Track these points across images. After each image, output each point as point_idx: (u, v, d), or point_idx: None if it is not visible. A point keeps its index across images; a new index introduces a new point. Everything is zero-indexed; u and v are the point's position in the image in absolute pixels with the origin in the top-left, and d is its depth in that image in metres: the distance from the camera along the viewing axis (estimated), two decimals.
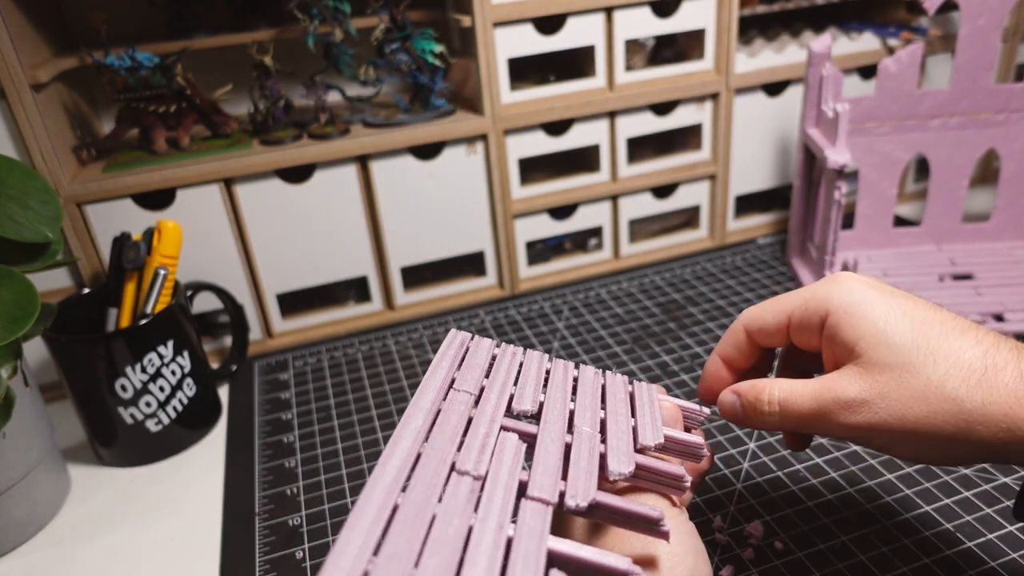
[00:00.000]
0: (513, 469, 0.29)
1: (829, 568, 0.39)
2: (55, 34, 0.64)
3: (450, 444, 0.29)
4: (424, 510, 0.26)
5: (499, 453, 0.30)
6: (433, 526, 0.25)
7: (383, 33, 0.64)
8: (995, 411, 0.29)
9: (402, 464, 0.28)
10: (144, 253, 0.55)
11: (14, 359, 0.43)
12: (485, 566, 0.24)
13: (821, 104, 0.65)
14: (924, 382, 0.30)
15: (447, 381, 0.33)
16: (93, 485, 0.54)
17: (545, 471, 0.29)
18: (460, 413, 0.31)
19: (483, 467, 0.29)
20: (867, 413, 0.31)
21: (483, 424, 0.31)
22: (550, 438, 0.31)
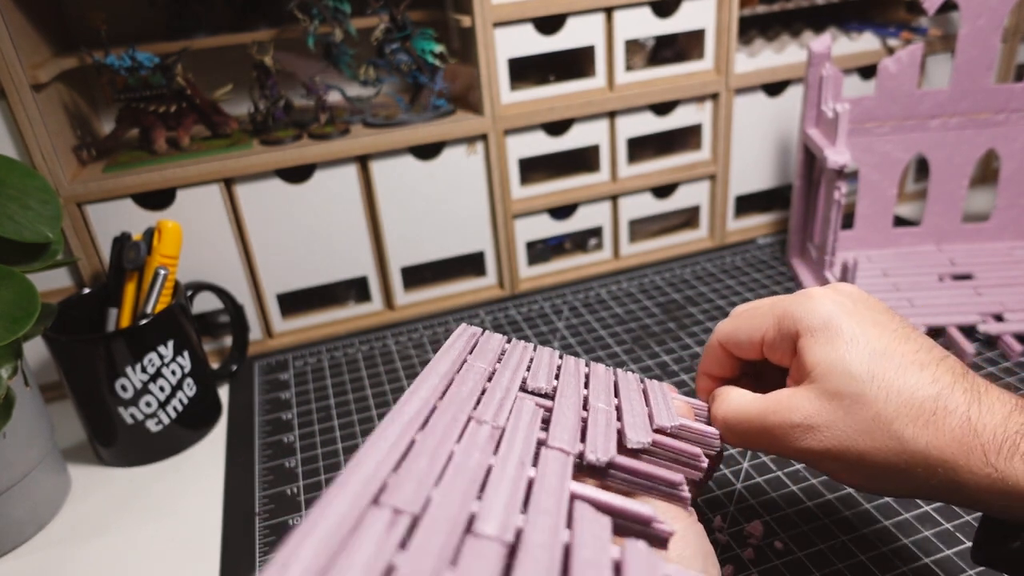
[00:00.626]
0: (531, 426, 0.28)
1: (829, 568, 0.39)
2: (55, 34, 0.64)
3: (467, 401, 0.29)
4: (442, 446, 0.25)
5: (517, 412, 0.29)
6: (452, 459, 0.24)
7: (383, 33, 0.64)
8: (936, 455, 0.28)
9: (419, 409, 0.27)
10: (144, 253, 0.55)
11: (14, 359, 0.43)
12: (509, 490, 0.23)
13: (821, 104, 0.65)
14: (873, 415, 0.30)
15: (460, 359, 0.33)
16: (93, 485, 0.54)
17: (564, 430, 0.28)
18: (475, 380, 0.31)
19: (502, 420, 0.28)
20: (812, 439, 0.31)
21: (499, 390, 0.31)
22: (568, 406, 0.31)
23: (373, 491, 0.22)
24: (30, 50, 0.57)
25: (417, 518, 0.21)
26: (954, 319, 0.58)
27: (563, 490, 0.24)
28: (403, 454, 0.24)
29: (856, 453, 0.30)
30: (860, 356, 0.31)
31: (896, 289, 0.64)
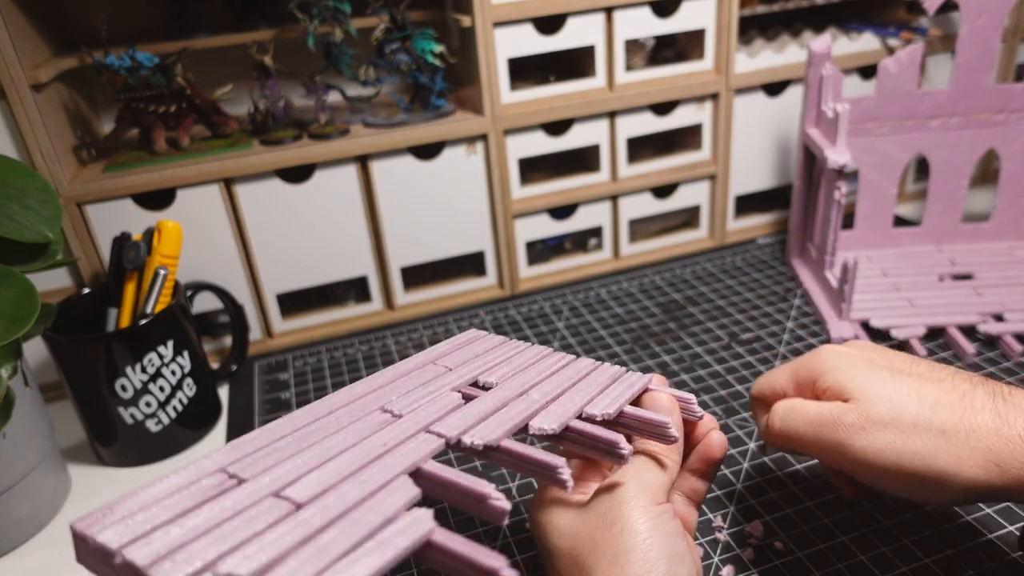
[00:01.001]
0: (434, 415, 0.32)
1: (829, 568, 0.39)
2: (55, 34, 0.64)
3: (397, 395, 0.34)
4: (328, 428, 0.31)
5: (431, 403, 0.34)
6: (327, 439, 0.30)
7: (383, 33, 0.64)
8: (979, 446, 0.31)
9: (344, 399, 0.34)
10: (144, 253, 0.55)
11: (14, 359, 0.43)
12: (343, 465, 0.28)
13: (821, 104, 0.65)
14: (914, 415, 0.32)
15: (433, 358, 0.38)
16: (93, 485, 0.54)
17: (462, 417, 0.32)
18: (427, 379, 0.36)
19: (406, 410, 0.33)
20: (864, 438, 0.33)
21: (436, 385, 0.36)
22: (489, 397, 0.34)
23: (230, 460, 0.28)
24: (30, 50, 0.57)
25: (242, 482, 0.27)
26: (954, 319, 0.58)
27: (401, 464, 0.28)
28: (290, 434, 0.31)
29: (910, 453, 0.32)
30: (882, 373, 0.35)
31: (896, 289, 0.64)
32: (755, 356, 0.59)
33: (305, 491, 0.26)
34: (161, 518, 0.25)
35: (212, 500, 0.26)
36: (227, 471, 0.28)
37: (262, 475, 0.27)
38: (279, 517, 0.25)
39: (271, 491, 0.26)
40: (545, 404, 0.34)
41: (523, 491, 0.47)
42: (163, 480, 0.27)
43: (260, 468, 0.28)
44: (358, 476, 0.27)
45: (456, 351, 0.41)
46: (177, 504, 0.25)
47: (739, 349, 0.60)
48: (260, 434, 0.31)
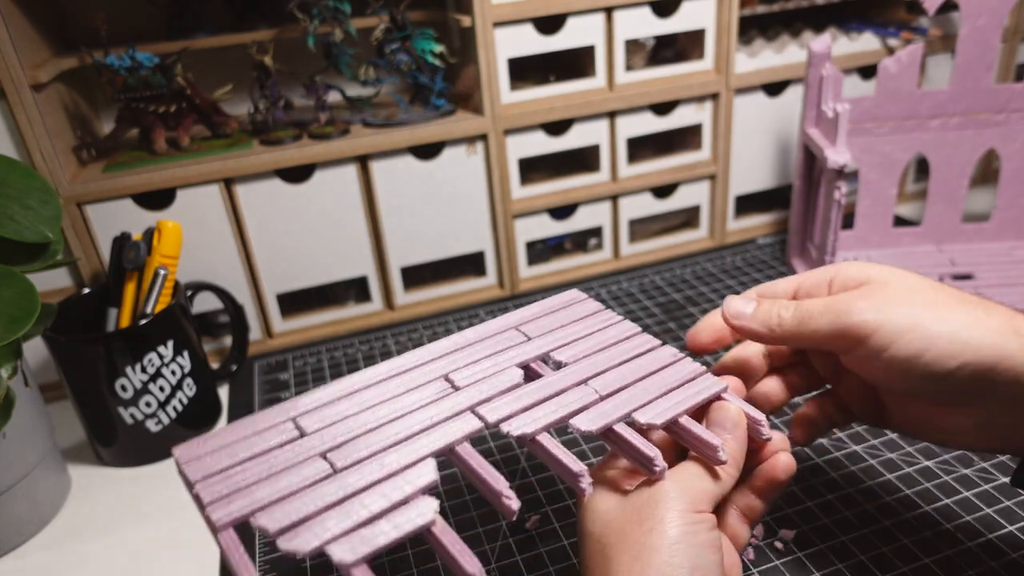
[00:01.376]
0: (487, 392, 0.34)
1: (829, 568, 0.39)
2: (55, 34, 0.64)
3: (466, 362, 0.37)
4: (390, 392, 0.35)
5: (491, 378, 0.35)
6: (386, 403, 0.34)
7: (383, 33, 0.64)
8: (998, 313, 0.32)
9: (422, 357, 0.37)
10: (144, 253, 0.55)
11: (14, 359, 0.43)
12: (391, 431, 0.32)
13: (821, 104, 0.65)
14: (933, 297, 0.33)
15: (520, 321, 0.40)
16: (93, 485, 0.54)
17: (513, 401, 0.34)
18: (502, 347, 0.38)
19: (465, 382, 0.35)
20: (881, 306, 0.32)
21: (506, 356, 0.37)
22: (549, 381, 0.35)
23: (301, 411, 0.33)
24: (30, 50, 0.57)
25: (303, 435, 0.32)
26: None
27: (438, 444, 0.31)
28: (361, 389, 0.35)
29: (925, 330, 0.31)
30: (900, 273, 0.35)
31: None
32: None
33: (349, 456, 0.31)
34: (236, 458, 0.31)
35: (276, 449, 0.31)
36: (296, 422, 0.33)
37: (319, 432, 0.32)
38: (322, 477, 0.30)
39: (320, 451, 0.31)
40: (599, 399, 0.34)
41: (523, 491, 0.47)
42: (251, 419, 0.33)
43: (319, 424, 0.33)
44: (403, 447, 0.31)
45: (546, 316, 0.41)
46: (251, 446, 0.31)
47: None
48: (342, 385, 0.35)
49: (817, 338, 0.34)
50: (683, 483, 0.32)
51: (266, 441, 0.32)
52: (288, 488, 0.29)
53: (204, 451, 0.31)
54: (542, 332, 0.40)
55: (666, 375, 0.36)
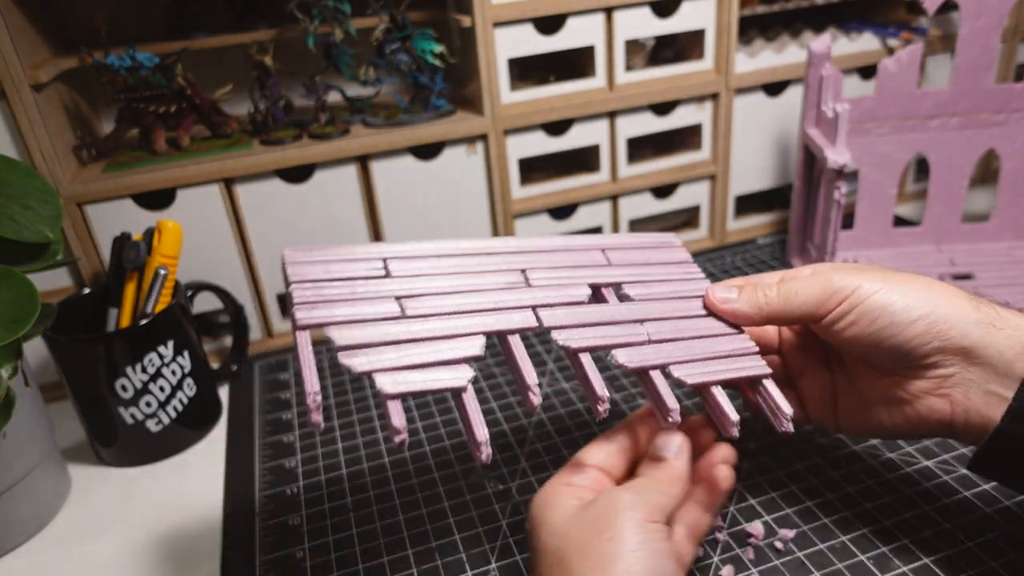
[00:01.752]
0: (552, 299, 0.37)
1: (829, 568, 0.39)
2: (55, 34, 0.64)
3: (547, 265, 0.40)
4: (474, 267, 0.38)
5: (562, 287, 0.38)
6: (467, 276, 0.37)
7: (383, 33, 0.64)
8: (975, 303, 0.36)
9: (509, 246, 0.40)
10: (144, 253, 0.55)
11: (14, 359, 0.43)
12: (462, 300, 0.36)
13: (821, 104, 0.65)
14: (903, 275, 0.37)
15: (610, 245, 0.42)
16: (93, 485, 0.54)
17: (570, 315, 0.37)
18: (583, 263, 0.41)
19: (538, 282, 0.38)
20: (858, 274, 0.37)
21: (583, 273, 0.40)
22: (610, 309, 0.38)
23: (394, 254, 0.37)
24: (30, 50, 0.57)
25: (388, 275, 0.36)
26: None
27: (493, 327, 0.35)
28: (450, 256, 0.38)
29: (907, 286, 0.36)
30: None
31: None
32: None
33: (419, 308, 0.35)
34: (329, 274, 0.35)
35: (362, 280, 0.35)
36: (386, 262, 0.37)
37: (401, 279, 0.36)
38: (391, 316, 0.34)
39: (397, 295, 0.35)
40: (647, 342, 0.37)
41: (523, 490, 0.47)
42: (351, 247, 0.37)
43: (403, 272, 0.36)
44: (464, 318, 0.35)
45: (634, 249, 0.43)
46: (344, 269, 0.36)
47: None
48: (432, 246, 0.38)
49: (805, 308, 0.38)
50: (638, 495, 0.33)
51: (356, 269, 0.36)
52: (361, 315, 0.33)
53: (307, 259, 0.35)
54: (623, 263, 0.42)
55: (718, 343, 0.39)
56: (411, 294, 0.35)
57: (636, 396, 0.56)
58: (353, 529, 0.46)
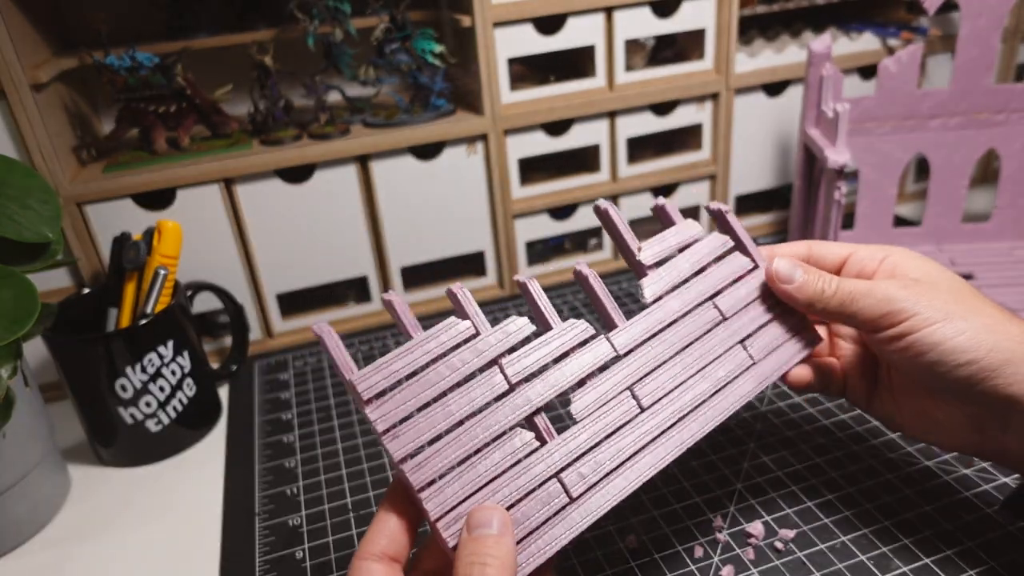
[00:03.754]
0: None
1: (829, 568, 0.39)
2: (55, 34, 0.64)
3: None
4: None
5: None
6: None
7: (383, 33, 0.64)
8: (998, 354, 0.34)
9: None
10: (144, 253, 0.55)
11: (14, 359, 0.43)
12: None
13: (821, 104, 0.65)
14: (968, 299, 0.35)
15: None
16: (93, 485, 0.54)
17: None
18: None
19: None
20: (920, 298, 0.35)
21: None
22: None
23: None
24: (30, 50, 0.57)
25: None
26: None
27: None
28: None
29: (962, 306, 0.35)
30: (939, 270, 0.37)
31: None
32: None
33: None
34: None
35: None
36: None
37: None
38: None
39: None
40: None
41: None
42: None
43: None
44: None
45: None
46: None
47: None
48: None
49: (861, 318, 0.36)
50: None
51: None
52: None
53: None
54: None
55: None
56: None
57: None
58: (353, 529, 0.46)
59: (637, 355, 0.36)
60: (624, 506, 0.45)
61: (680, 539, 0.42)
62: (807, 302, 0.38)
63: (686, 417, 0.36)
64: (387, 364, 0.31)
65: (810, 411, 0.52)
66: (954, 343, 0.34)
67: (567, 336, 0.35)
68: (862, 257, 0.39)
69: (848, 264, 0.40)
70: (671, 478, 0.47)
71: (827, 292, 0.37)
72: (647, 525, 0.44)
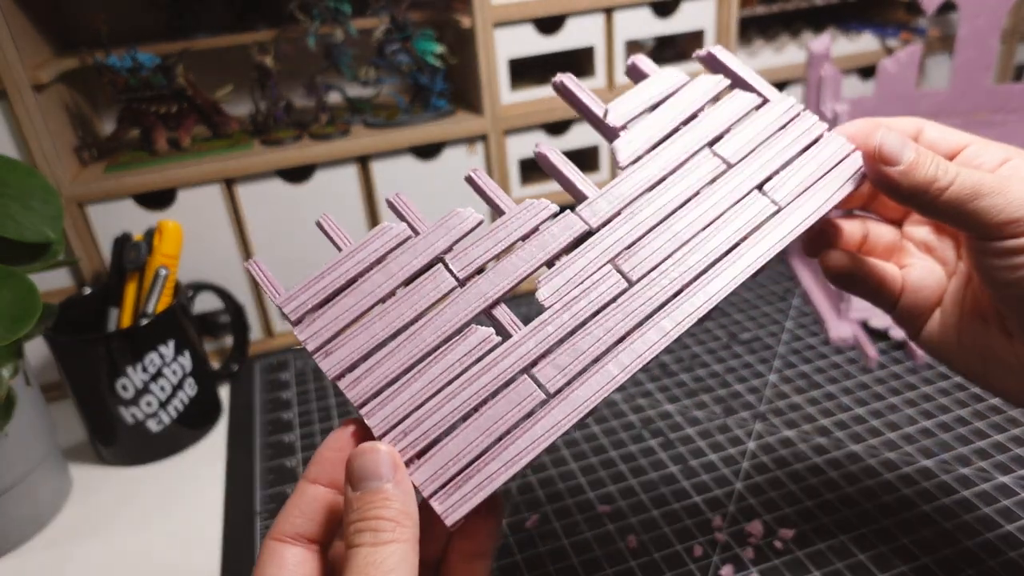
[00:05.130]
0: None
1: (829, 567, 0.39)
2: (56, 35, 0.64)
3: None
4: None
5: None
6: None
7: (384, 34, 0.64)
8: None
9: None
10: (145, 253, 0.56)
11: (15, 359, 0.43)
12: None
13: (820, 104, 0.65)
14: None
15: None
16: (94, 484, 0.54)
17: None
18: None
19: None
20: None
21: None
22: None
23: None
24: (31, 51, 0.57)
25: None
26: None
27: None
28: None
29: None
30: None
31: None
32: (754, 356, 0.59)
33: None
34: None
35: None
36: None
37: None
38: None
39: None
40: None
41: (523, 490, 0.47)
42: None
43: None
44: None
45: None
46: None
47: (738, 349, 0.60)
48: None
49: (978, 219, 0.29)
50: None
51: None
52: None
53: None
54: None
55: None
56: None
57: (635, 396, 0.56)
58: None
59: (616, 225, 0.30)
60: (624, 506, 0.45)
61: (679, 538, 0.42)
62: (914, 190, 0.29)
63: (700, 278, 0.29)
64: (315, 281, 0.28)
65: (809, 411, 0.52)
66: None
67: (524, 218, 0.30)
68: (979, 152, 0.32)
69: (962, 157, 0.32)
70: (671, 478, 0.47)
71: (942, 180, 0.29)
72: (647, 525, 0.44)
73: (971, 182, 0.29)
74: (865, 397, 0.53)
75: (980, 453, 0.47)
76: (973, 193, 0.28)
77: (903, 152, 0.30)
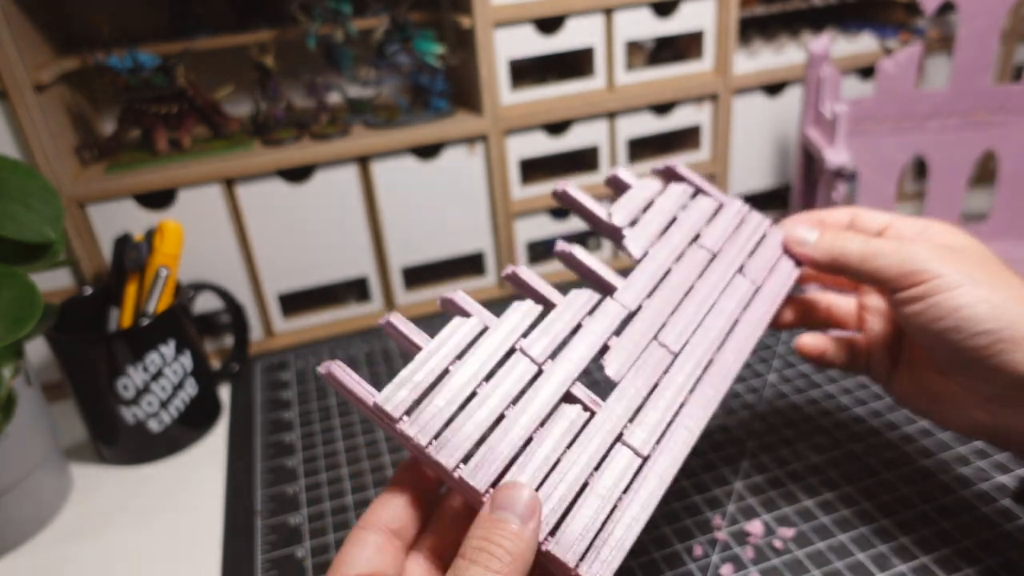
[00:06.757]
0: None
1: (828, 567, 0.40)
2: (57, 35, 0.64)
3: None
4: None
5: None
6: None
7: (384, 34, 0.64)
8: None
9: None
10: (145, 253, 0.56)
11: (16, 359, 0.43)
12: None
13: (820, 105, 0.65)
14: (995, 270, 0.34)
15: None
16: (94, 484, 0.54)
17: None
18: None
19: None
20: (947, 260, 0.34)
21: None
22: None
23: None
24: (32, 51, 0.57)
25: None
26: None
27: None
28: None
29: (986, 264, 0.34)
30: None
31: None
32: (754, 356, 0.59)
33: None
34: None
35: None
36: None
37: None
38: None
39: None
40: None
41: None
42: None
43: None
44: None
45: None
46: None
47: None
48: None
49: (880, 276, 0.35)
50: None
51: None
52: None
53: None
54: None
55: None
56: None
57: None
58: None
59: (649, 307, 0.36)
60: None
61: (679, 538, 0.42)
62: (829, 259, 0.38)
63: (720, 350, 0.36)
64: (407, 378, 0.29)
65: (808, 411, 0.52)
66: (974, 310, 0.32)
67: (575, 306, 0.34)
68: (900, 227, 0.38)
69: (887, 233, 0.39)
70: None
71: (849, 247, 0.37)
72: (647, 524, 0.44)
73: (870, 247, 0.36)
74: (865, 397, 0.53)
75: (980, 453, 0.47)
76: (873, 254, 0.36)
77: (807, 235, 0.39)
